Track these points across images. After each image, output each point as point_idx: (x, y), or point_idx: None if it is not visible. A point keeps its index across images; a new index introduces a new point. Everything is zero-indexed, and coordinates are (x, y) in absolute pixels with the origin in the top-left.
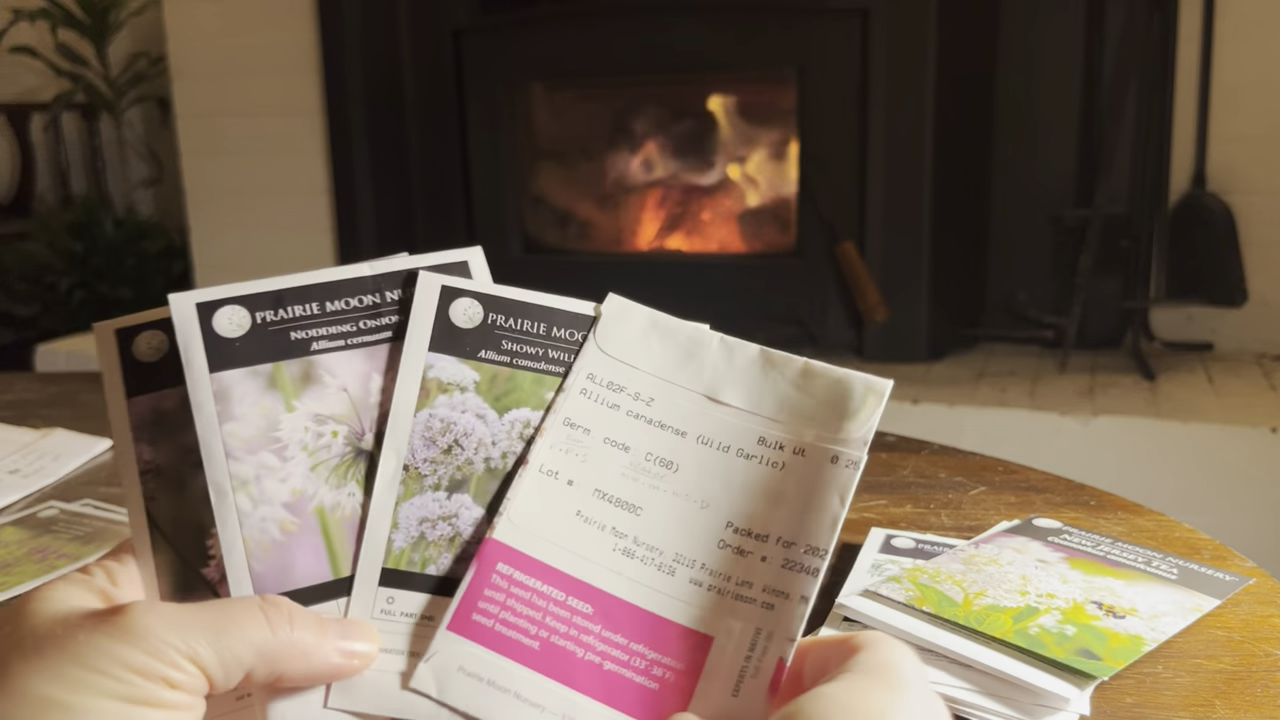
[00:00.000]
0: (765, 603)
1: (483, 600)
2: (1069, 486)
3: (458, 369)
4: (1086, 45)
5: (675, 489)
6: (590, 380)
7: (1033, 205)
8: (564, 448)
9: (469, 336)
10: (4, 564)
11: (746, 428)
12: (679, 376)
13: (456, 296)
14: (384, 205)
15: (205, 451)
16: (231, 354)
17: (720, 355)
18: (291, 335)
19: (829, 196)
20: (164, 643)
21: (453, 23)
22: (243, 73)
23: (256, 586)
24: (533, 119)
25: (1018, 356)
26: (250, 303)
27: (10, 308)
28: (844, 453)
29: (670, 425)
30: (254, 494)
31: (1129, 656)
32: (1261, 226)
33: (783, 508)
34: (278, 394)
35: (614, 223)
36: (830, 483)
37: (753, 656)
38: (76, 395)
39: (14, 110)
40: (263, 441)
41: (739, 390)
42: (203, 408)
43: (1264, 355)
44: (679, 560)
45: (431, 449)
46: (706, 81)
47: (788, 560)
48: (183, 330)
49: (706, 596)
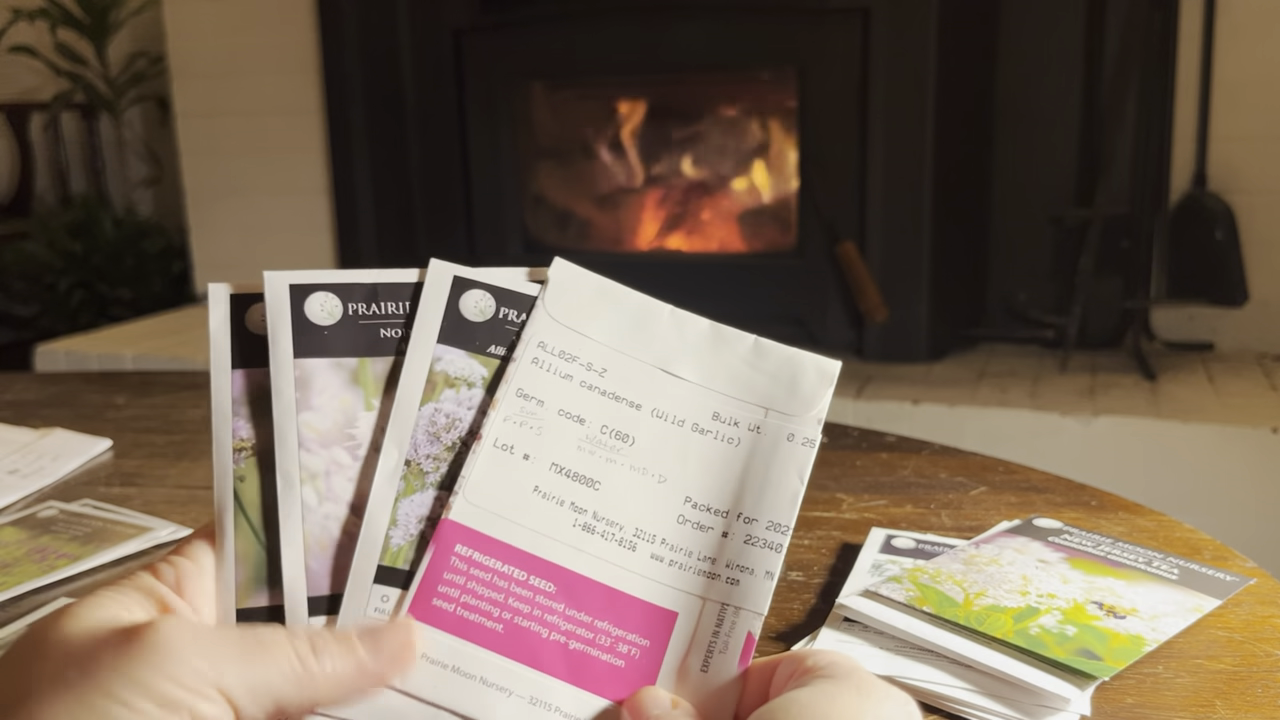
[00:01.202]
0: (730, 578)
1: (442, 584)
2: (1069, 487)
3: (466, 363)
4: (1086, 45)
5: (632, 462)
6: (541, 349)
7: (1033, 205)
8: (518, 420)
9: (479, 330)
10: (3, 564)
11: (701, 402)
12: (630, 347)
13: (468, 288)
14: (384, 205)
15: (279, 437)
16: (319, 342)
17: (671, 327)
18: (381, 333)
19: (829, 196)
20: (192, 670)
21: (453, 23)
22: (243, 73)
23: (310, 585)
24: (533, 119)
25: (1018, 356)
26: (345, 293)
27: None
28: (799, 431)
29: (625, 397)
30: (321, 489)
31: (1129, 657)
32: (1262, 226)
33: (742, 484)
34: (359, 390)
35: (614, 223)
36: (788, 460)
37: (720, 632)
38: (76, 395)
39: (13, 110)
40: (337, 437)
41: (691, 364)
42: (282, 393)
43: (1265, 355)
44: (640, 535)
45: (435, 445)
46: (706, 81)
47: (750, 536)
48: (273, 310)
49: (668, 572)
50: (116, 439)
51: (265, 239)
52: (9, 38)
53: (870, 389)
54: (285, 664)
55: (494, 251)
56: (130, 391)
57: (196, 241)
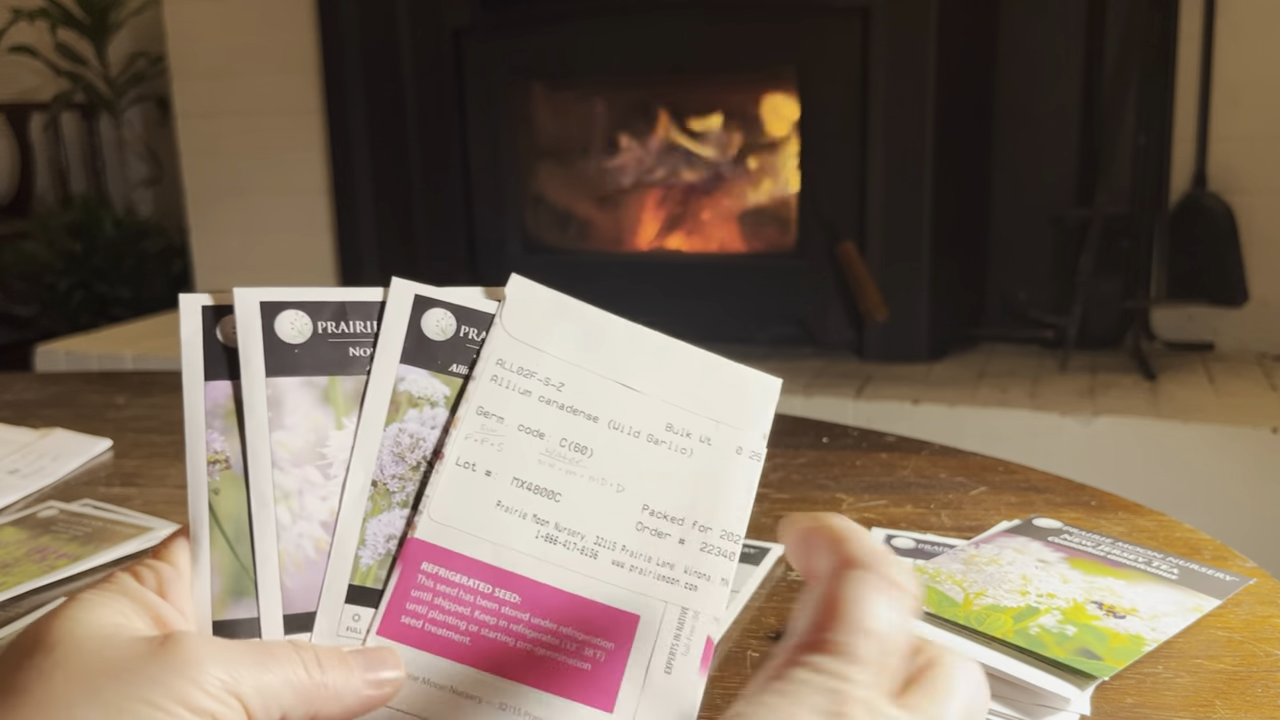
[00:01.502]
0: (689, 584)
1: (410, 601)
2: (1069, 486)
3: (428, 383)
4: (1086, 45)
5: (591, 473)
6: (500, 366)
7: (1033, 205)
8: (479, 438)
9: (440, 349)
10: (3, 564)
11: (655, 413)
12: (587, 360)
13: (429, 307)
14: (384, 205)
15: (252, 456)
16: (290, 360)
17: (626, 341)
18: (350, 351)
19: (829, 196)
20: (213, 677)
21: (453, 23)
22: (243, 73)
23: (285, 602)
24: (533, 119)
25: (1018, 356)
26: (314, 311)
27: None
28: (746, 444)
29: (582, 410)
30: (294, 508)
31: (1129, 656)
32: (1262, 226)
33: (695, 493)
34: (329, 409)
35: (614, 223)
36: (738, 472)
37: (681, 635)
38: (76, 395)
39: (13, 110)
40: (309, 456)
41: (646, 376)
42: (255, 411)
43: (1265, 355)
44: (600, 543)
45: (400, 465)
46: (706, 81)
47: (705, 544)
48: (244, 327)
49: (629, 577)
50: (116, 439)
51: (265, 239)
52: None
53: (870, 389)
54: (293, 675)
55: (494, 252)
56: (130, 391)
57: (196, 241)
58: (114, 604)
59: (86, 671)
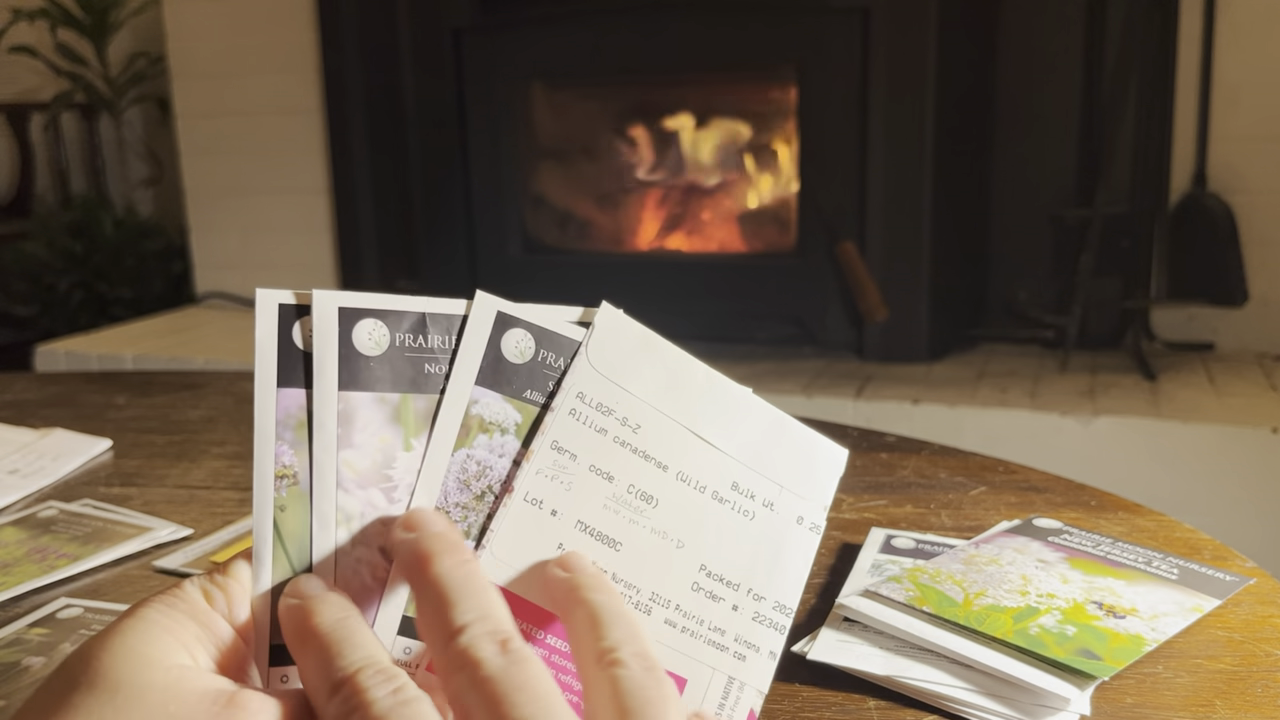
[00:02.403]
0: (738, 653)
1: None
2: (1069, 487)
3: (502, 407)
4: (1086, 45)
5: (654, 525)
6: (580, 400)
7: (1033, 205)
8: (550, 474)
9: (517, 373)
10: (3, 564)
11: (722, 470)
12: (665, 404)
13: (511, 326)
14: (384, 205)
15: (317, 475)
16: (365, 374)
17: (705, 388)
18: (426, 368)
19: (829, 196)
20: None
21: (453, 22)
22: (243, 73)
23: None
24: (533, 119)
25: (1018, 356)
26: (393, 321)
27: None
28: (808, 516)
29: (654, 457)
30: (355, 531)
31: (1129, 656)
32: (1262, 226)
33: (754, 559)
34: (399, 429)
35: (614, 223)
36: (797, 543)
37: (726, 704)
38: (76, 395)
39: (13, 110)
40: (375, 478)
41: (718, 429)
42: (324, 427)
43: (1265, 355)
44: (655, 599)
45: (465, 493)
46: (706, 81)
47: (758, 614)
48: (320, 334)
49: (680, 638)
50: (116, 439)
51: (265, 239)
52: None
53: (870, 389)
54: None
55: (494, 252)
56: (130, 391)
57: (196, 241)
58: (179, 632)
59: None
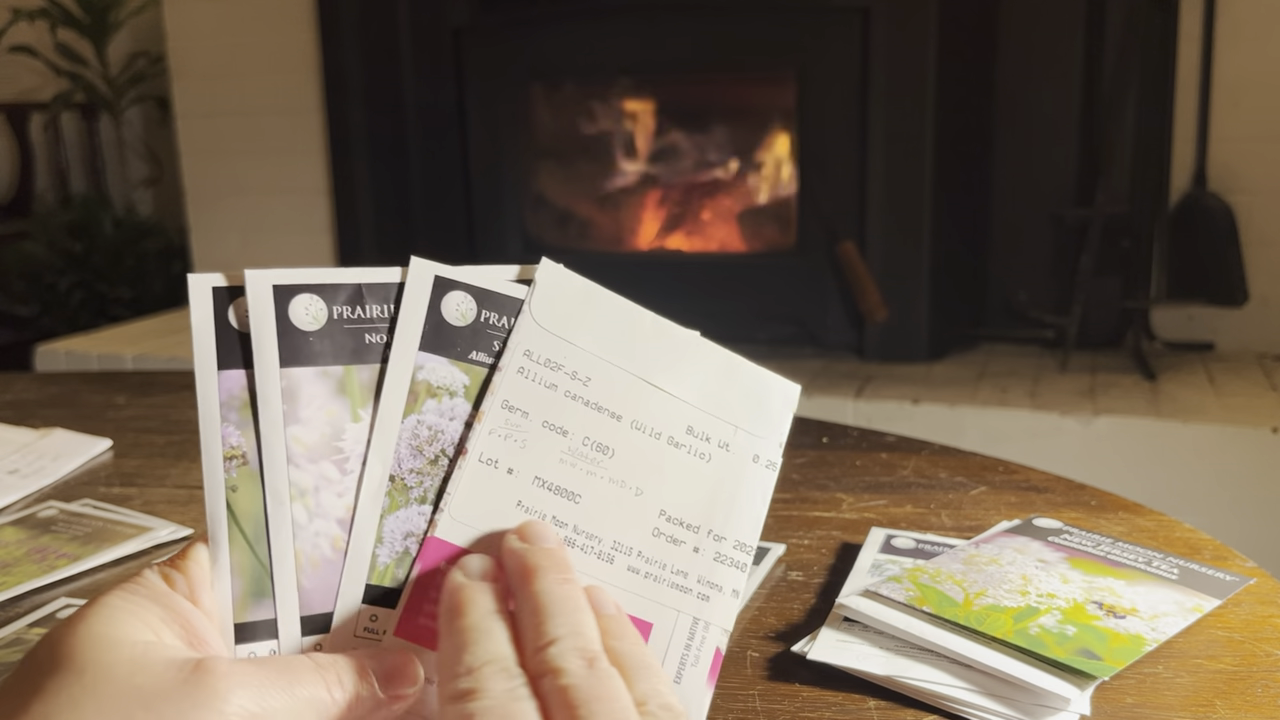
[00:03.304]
0: (701, 594)
1: (428, 602)
2: (1069, 486)
3: (448, 371)
4: (1086, 45)
5: (611, 475)
6: (527, 358)
7: (1033, 205)
8: (503, 433)
9: (461, 335)
10: (3, 564)
11: (677, 415)
12: (614, 355)
13: (450, 289)
14: (384, 205)
15: (266, 453)
16: (305, 349)
17: (652, 336)
18: (366, 338)
19: (829, 196)
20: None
21: (453, 22)
22: (243, 73)
23: (303, 604)
24: (533, 119)
25: (1018, 356)
26: (329, 294)
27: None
28: (764, 453)
29: (607, 408)
30: (310, 506)
31: (1129, 656)
32: (1262, 226)
33: (712, 500)
34: (345, 400)
35: (614, 222)
36: (754, 481)
37: (692, 645)
38: (76, 395)
39: (13, 110)
40: (325, 450)
41: (670, 375)
42: (269, 404)
43: (1265, 355)
44: (617, 548)
45: (418, 459)
46: (706, 81)
47: (719, 554)
48: (256, 314)
49: (644, 584)
50: (116, 439)
51: (265, 239)
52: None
53: (870, 389)
54: (316, 695)
55: (494, 252)
56: (130, 391)
57: (196, 241)
58: (142, 614)
59: (118, 701)
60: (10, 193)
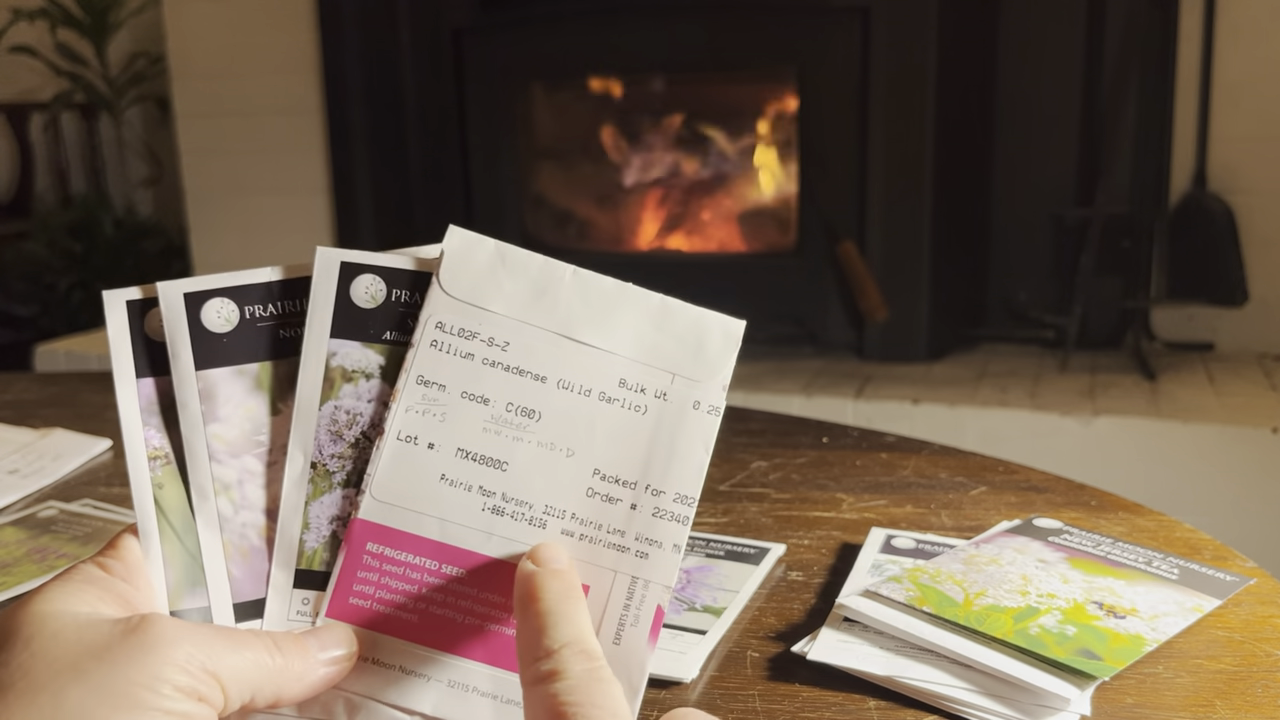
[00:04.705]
0: (640, 551)
1: (357, 583)
2: (1070, 487)
3: (361, 354)
4: (1086, 45)
5: (539, 439)
6: (440, 330)
7: (1033, 205)
8: (420, 409)
9: (371, 317)
10: (3, 564)
11: (607, 369)
12: (533, 315)
13: (357, 274)
14: (384, 205)
15: (188, 452)
16: (219, 350)
17: (574, 290)
18: (280, 333)
19: (829, 196)
20: (192, 657)
21: (453, 23)
22: (243, 73)
23: (234, 591)
24: (533, 119)
25: (1018, 356)
26: (240, 296)
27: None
28: (705, 398)
29: (529, 370)
30: (235, 498)
31: (1130, 657)
32: (1262, 226)
33: (649, 454)
34: (263, 396)
35: (614, 222)
36: (694, 430)
37: (631, 605)
38: (76, 395)
39: (13, 110)
40: (246, 445)
41: (596, 328)
42: (188, 407)
43: (1265, 355)
44: (549, 512)
45: (338, 444)
46: (706, 81)
47: (658, 509)
48: (170, 321)
49: (579, 546)
50: (116, 439)
51: (265, 239)
52: (9, 38)
53: (870, 389)
54: (259, 658)
55: None
56: None
57: (196, 241)
58: (81, 593)
59: (70, 656)
60: (10, 193)
